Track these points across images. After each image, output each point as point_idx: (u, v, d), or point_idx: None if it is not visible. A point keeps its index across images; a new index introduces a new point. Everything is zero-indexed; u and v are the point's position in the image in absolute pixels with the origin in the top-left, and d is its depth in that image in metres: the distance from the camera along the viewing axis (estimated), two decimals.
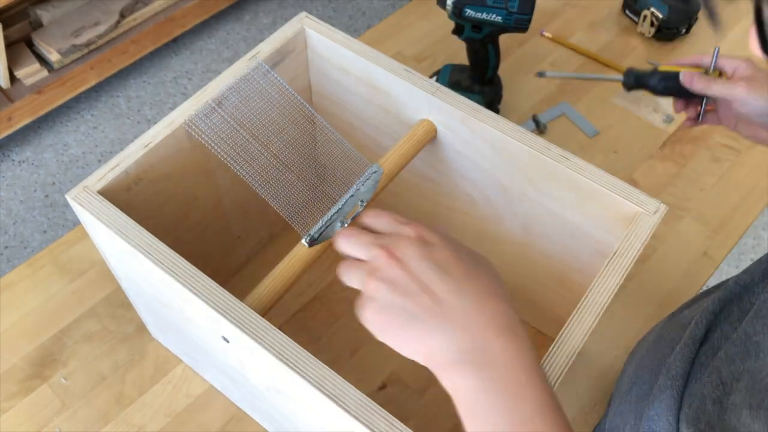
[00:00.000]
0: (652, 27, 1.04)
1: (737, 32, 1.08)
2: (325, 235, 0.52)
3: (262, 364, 0.48)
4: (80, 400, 0.69)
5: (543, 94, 0.99)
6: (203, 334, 0.54)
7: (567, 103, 0.98)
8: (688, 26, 1.05)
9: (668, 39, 1.06)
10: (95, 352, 0.72)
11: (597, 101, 0.99)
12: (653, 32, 1.04)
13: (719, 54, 0.68)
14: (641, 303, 0.78)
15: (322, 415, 0.45)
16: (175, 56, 2.05)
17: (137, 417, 0.68)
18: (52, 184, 1.76)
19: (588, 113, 0.97)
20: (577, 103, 0.98)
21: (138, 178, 0.56)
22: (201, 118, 0.58)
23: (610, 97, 0.99)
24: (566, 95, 0.99)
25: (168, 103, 1.94)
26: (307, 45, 0.66)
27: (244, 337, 0.46)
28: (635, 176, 0.90)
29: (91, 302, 0.75)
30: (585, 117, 0.96)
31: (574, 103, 0.98)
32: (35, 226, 1.68)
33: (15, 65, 1.71)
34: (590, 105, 0.98)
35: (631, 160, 0.92)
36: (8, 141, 1.82)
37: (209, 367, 0.64)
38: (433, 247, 0.43)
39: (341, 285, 0.45)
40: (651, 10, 1.03)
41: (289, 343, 0.45)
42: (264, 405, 0.59)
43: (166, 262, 0.49)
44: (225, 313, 0.46)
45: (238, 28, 2.14)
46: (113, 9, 1.81)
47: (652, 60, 1.04)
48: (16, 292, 0.76)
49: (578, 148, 0.93)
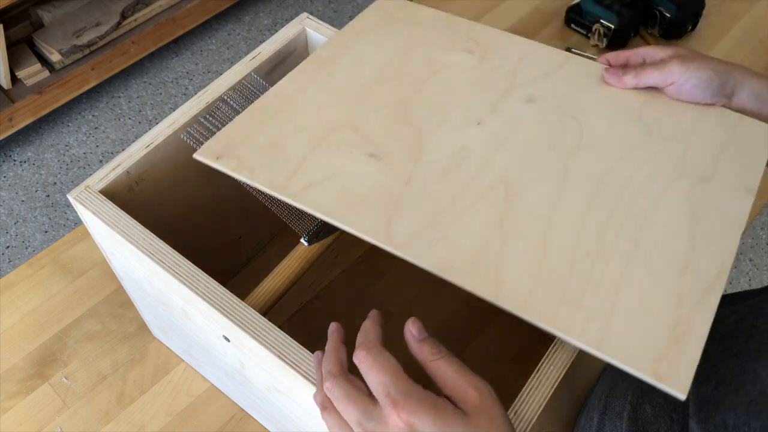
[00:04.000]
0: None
1: (739, 30, 1.09)
2: (324, 233, 0.52)
3: (263, 363, 0.48)
4: (81, 400, 0.69)
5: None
6: (204, 334, 0.55)
7: None
8: (694, 23, 1.06)
9: (676, 37, 1.07)
10: (96, 351, 0.72)
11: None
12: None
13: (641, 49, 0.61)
14: None
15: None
16: (176, 57, 2.06)
17: (138, 416, 0.68)
18: (53, 184, 1.76)
19: None
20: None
21: (139, 178, 0.56)
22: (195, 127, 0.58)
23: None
24: None
25: (169, 103, 1.94)
26: (308, 45, 0.67)
27: (245, 336, 0.46)
28: None
29: (92, 302, 0.75)
30: None
31: None
32: (36, 226, 1.68)
33: (16, 66, 1.71)
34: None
35: None
36: (9, 141, 1.82)
37: (210, 366, 0.64)
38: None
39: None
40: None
41: (289, 342, 0.45)
42: (264, 404, 0.59)
43: (167, 261, 0.49)
44: (226, 312, 0.47)
45: (238, 28, 2.14)
46: (114, 9, 1.81)
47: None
48: (17, 291, 0.76)
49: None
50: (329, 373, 0.40)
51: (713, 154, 0.53)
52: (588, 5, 1.05)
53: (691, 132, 0.55)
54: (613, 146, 0.53)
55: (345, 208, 0.48)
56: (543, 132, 0.54)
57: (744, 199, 0.50)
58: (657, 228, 0.48)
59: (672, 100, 0.57)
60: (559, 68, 0.60)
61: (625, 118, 0.56)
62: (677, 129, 0.55)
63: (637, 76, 0.56)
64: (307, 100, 0.56)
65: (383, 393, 0.37)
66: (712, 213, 0.49)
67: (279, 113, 0.55)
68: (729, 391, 0.43)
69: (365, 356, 0.39)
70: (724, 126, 0.55)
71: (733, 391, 0.43)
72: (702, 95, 0.55)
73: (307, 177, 0.49)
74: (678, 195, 0.50)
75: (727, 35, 1.08)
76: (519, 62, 0.60)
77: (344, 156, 0.51)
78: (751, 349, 0.44)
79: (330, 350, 0.42)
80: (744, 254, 1.69)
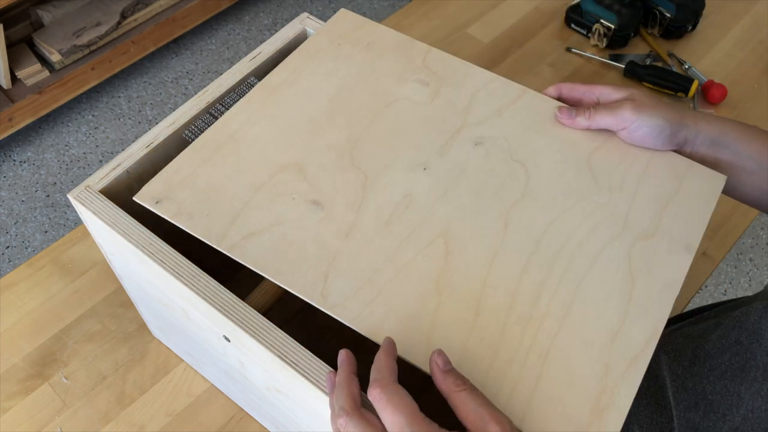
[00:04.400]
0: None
1: (739, 30, 1.09)
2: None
3: (263, 363, 0.48)
4: (81, 400, 0.69)
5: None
6: (204, 334, 0.55)
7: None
8: (694, 23, 1.06)
9: (676, 37, 1.07)
10: (96, 351, 0.72)
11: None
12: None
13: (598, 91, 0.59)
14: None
15: (323, 414, 0.45)
16: (176, 57, 2.06)
17: (138, 416, 0.68)
18: (53, 184, 1.76)
19: None
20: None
21: (139, 178, 0.56)
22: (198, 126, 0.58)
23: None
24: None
25: (169, 103, 1.94)
26: None
27: (245, 336, 0.46)
28: None
29: (91, 302, 0.75)
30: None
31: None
32: (36, 226, 1.68)
33: (16, 66, 1.71)
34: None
35: None
36: (9, 141, 1.82)
37: (210, 366, 0.64)
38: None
39: None
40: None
41: (289, 342, 0.45)
42: (264, 405, 0.59)
43: (167, 261, 0.49)
44: (226, 312, 0.47)
45: (238, 28, 2.14)
46: (114, 9, 1.81)
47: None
48: (17, 291, 0.76)
49: None
50: (342, 410, 0.40)
51: (658, 207, 0.52)
52: (588, 5, 1.05)
53: (638, 182, 0.54)
54: (558, 196, 0.52)
55: (282, 262, 0.47)
56: (488, 179, 0.53)
57: (683, 259, 0.49)
58: (593, 290, 0.47)
59: (625, 145, 0.56)
60: (512, 104, 0.58)
61: (574, 164, 0.54)
62: (625, 178, 0.54)
63: (590, 118, 0.55)
64: (253, 137, 0.54)
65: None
66: (650, 276, 0.48)
67: (222, 151, 0.53)
68: (717, 417, 0.43)
69: (379, 394, 0.39)
70: (674, 175, 0.54)
71: (721, 418, 0.43)
72: (653, 143, 0.55)
73: (247, 226, 0.49)
74: (618, 254, 0.49)
75: (727, 35, 1.08)
76: (473, 97, 0.58)
77: (286, 203, 0.50)
78: (735, 368, 0.44)
79: (342, 383, 0.41)
80: (744, 254, 1.69)
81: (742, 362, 0.43)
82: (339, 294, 0.46)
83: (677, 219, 0.51)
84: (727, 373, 0.44)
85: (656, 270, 0.48)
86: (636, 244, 0.50)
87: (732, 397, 0.42)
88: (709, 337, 0.48)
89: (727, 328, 0.48)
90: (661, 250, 0.49)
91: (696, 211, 0.52)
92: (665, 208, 0.52)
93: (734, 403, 0.42)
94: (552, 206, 0.51)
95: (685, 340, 0.51)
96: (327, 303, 0.46)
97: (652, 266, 0.48)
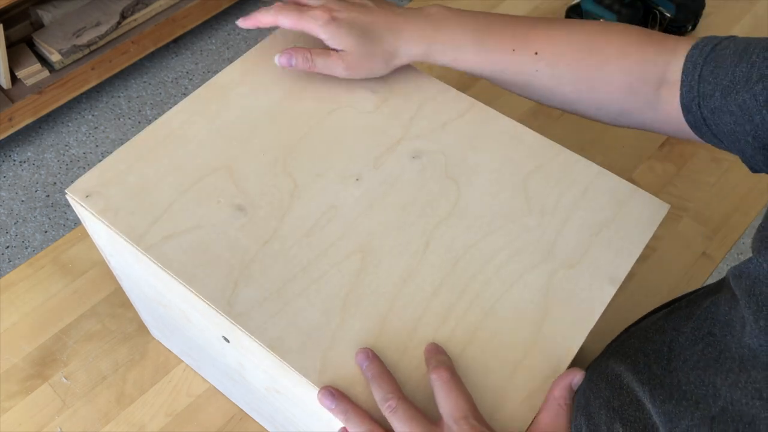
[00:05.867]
0: None
1: (739, 30, 1.09)
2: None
3: (262, 364, 0.48)
4: (81, 400, 0.69)
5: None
6: (203, 335, 0.55)
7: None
8: (694, 23, 1.06)
9: None
10: (96, 351, 0.72)
11: None
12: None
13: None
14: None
15: (321, 415, 0.45)
16: (176, 57, 2.06)
17: (138, 416, 0.68)
18: (53, 184, 1.76)
19: None
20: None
21: None
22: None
23: None
24: None
25: (169, 103, 1.94)
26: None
27: (245, 336, 0.46)
28: (634, 176, 0.91)
29: (91, 302, 0.75)
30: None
31: None
32: (36, 226, 1.68)
33: (16, 65, 1.71)
34: None
35: (630, 160, 0.92)
36: (9, 141, 1.82)
37: (209, 367, 0.64)
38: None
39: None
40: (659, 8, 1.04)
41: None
42: (264, 405, 0.59)
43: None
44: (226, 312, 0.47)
45: (238, 28, 2.14)
46: (114, 9, 1.81)
47: None
48: (16, 291, 0.76)
49: (578, 148, 0.93)
50: (391, 394, 0.41)
51: (589, 234, 0.50)
52: (588, 5, 1.05)
53: (573, 206, 0.51)
54: (486, 217, 0.50)
55: (195, 266, 0.47)
56: (418, 195, 0.51)
57: (605, 292, 0.47)
58: (501, 319, 0.46)
59: (567, 165, 0.54)
60: (459, 117, 0.57)
61: (510, 184, 0.53)
62: (560, 201, 0.52)
63: (308, 62, 0.55)
64: (190, 137, 0.54)
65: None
66: (565, 307, 0.46)
67: (158, 149, 0.53)
68: (690, 404, 0.43)
69: (449, 377, 0.42)
70: (613, 200, 0.52)
71: (694, 405, 0.43)
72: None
73: (168, 227, 0.48)
74: (536, 282, 0.47)
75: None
76: (420, 108, 0.57)
77: (211, 206, 0.50)
78: (709, 359, 0.44)
79: (383, 372, 0.43)
80: (744, 254, 1.69)
81: (716, 353, 0.43)
82: (245, 303, 0.45)
83: (607, 248, 0.49)
84: (700, 363, 0.44)
85: (573, 301, 0.47)
86: (557, 272, 0.48)
87: (707, 388, 0.42)
88: (682, 330, 0.48)
89: (700, 319, 0.47)
90: (582, 282, 0.48)
91: (629, 241, 0.50)
92: (596, 236, 0.50)
93: (710, 393, 0.42)
94: (477, 227, 0.50)
95: (661, 336, 0.50)
96: (232, 311, 0.45)
97: (570, 297, 0.47)
